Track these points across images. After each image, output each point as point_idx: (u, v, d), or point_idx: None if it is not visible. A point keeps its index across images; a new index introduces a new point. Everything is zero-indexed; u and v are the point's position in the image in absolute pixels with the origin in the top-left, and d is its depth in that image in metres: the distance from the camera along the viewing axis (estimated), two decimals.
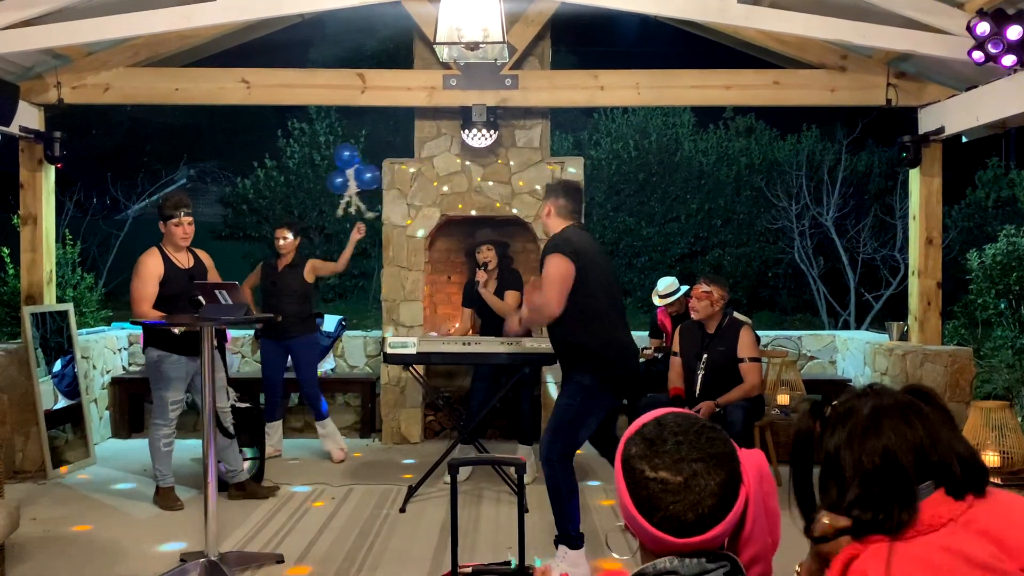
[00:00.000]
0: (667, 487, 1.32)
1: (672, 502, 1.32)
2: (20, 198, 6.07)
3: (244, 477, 5.12)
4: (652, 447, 1.36)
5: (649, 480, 1.34)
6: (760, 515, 1.38)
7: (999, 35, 4.49)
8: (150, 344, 4.83)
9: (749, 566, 1.39)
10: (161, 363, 4.80)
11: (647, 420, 1.42)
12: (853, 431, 1.55)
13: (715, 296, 5.28)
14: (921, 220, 6.17)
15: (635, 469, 1.36)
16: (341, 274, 8.03)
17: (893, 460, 1.50)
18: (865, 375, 6.62)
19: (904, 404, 1.56)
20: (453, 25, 4.40)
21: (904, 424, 1.53)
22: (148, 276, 4.76)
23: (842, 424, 1.58)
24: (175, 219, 4.86)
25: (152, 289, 4.73)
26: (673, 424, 1.38)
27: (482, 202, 6.66)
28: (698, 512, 1.32)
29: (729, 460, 1.36)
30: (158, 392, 4.87)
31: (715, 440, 1.36)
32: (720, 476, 1.33)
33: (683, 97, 6.64)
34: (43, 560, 4.09)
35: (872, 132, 13.03)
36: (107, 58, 6.04)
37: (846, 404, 1.60)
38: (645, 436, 1.38)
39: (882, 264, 12.02)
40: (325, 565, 4.06)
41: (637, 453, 1.37)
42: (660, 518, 1.33)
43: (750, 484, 1.37)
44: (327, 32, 14.79)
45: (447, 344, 5.21)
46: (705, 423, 1.40)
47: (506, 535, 4.43)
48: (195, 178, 17.49)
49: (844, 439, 1.56)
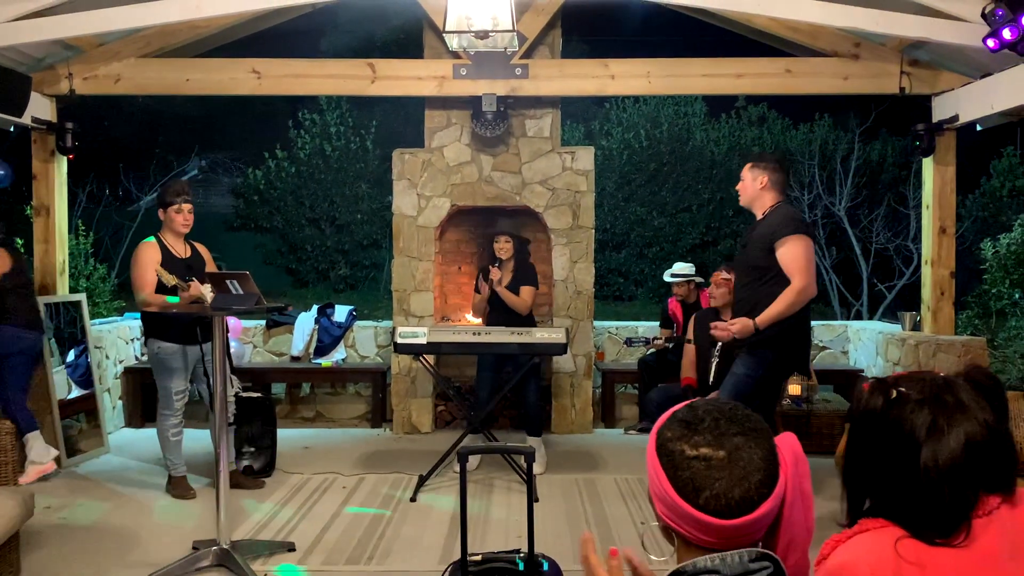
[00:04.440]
0: (711, 463, 1.27)
1: (717, 479, 1.26)
2: (33, 189, 6.11)
3: (232, 467, 5.13)
4: (689, 427, 1.31)
5: (690, 459, 1.28)
6: (797, 498, 1.33)
7: (1014, 21, 4.44)
8: (150, 335, 4.86)
9: (786, 554, 1.34)
10: (161, 354, 4.83)
11: (676, 408, 1.37)
12: (936, 418, 1.38)
13: (734, 283, 5.27)
14: (935, 209, 6.13)
15: (673, 451, 1.30)
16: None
17: (972, 456, 1.36)
18: (877, 365, 6.59)
19: (985, 394, 1.42)
20: (463, 14, 4.39)
21: (986, 417, 1.39)
22: (146, 263, 4.78)
23: (922, 407, 1.40)
24: (175, 206, 4.88)
25: (151, 275, 4.74)
26: (708, 405, 1.34)
27: (492, 192, 6.65)
28: (744, 488, 1.26)
29: (768, 436, 1.32)
30: (162, 383, 4.90)
31: (751, 416, 1.32)
32: (762, 450, 1.29)
33: (694, 86, 6.60)
34: (57, 548, 4.13)
35: (885, 121, 12.94)
36: (118, 49, 6.06)
37: (923, 386, 1.43)
38: (680, 419, 1.34)
39: (895, 254, 11.95)
40: (336, 553, 4.08)
41: (673, 435, 1.32)
42: (706, 498, 1.27)
43: (787, 467, 1.32)
44: (338, 22, 14.78)
45: (457, 334, 5.21)
46: (740, 405, 1.36)
47: (516, 524, 4.44)
48: (207, 169, 17.55)
49: (924, 424, 1.38)
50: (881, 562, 1.35)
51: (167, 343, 4.81)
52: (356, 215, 14.69)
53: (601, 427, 6.88)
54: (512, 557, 2.97)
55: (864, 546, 1.38)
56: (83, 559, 4.00)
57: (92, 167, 13.12)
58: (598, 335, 7.13)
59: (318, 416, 7.23)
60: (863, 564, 1.35)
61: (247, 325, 7.22)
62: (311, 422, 7.16)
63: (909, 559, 1.34)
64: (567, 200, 6.65)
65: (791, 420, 5.92)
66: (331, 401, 7.26)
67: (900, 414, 1.41)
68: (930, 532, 1.35)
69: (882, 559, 1.35)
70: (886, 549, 1.36)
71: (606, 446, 6.31)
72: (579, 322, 6.64)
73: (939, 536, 1.35)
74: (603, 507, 4.79)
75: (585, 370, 6.67)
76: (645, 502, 4.82)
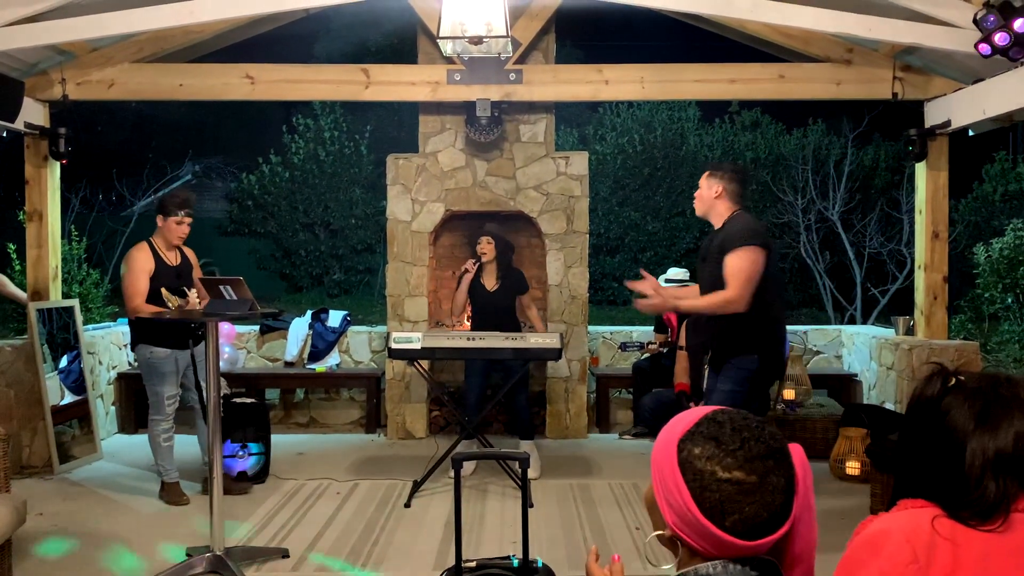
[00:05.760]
0: (743, 487, 1.26)
1: (748, 503, 1.26)
2: (26, 194, 6.08)
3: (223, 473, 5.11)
4: (720, 446, 1.29)
5: (722, 482, 1.27)
6: (804, 511, 1.33)
7: (1006, 27, 4.46)
8: (140, 341, 4.85)
9: (793, 565, 1.34)
10: (153, 359, 4.82)
11: (699, 419, 1.35)
12: (990, 409, 1.39)
13: None
14: (927, 214, 6.15)
15: (703, 471, 1.28)
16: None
17: (1021, 450, 1.38)
18: (871, 370, 6.60)
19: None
20: (457, 19, 4.39)
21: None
22: (139, 270, 4.77)
23: (978, 396, 1.41)
24: (176, 217, 4.88)
25: (144, 284, 4.74)
26: (732, 420, 1.32)
27: (487, 197, 6.65)
28: (771, 511, 1.27)
29: (788, 456, 1.32)
30: (152, 388, 4.89)
31: (775, 435, 1.32)
32: (787, 471, 1.29)
33: (688, 91, 6.61)
34: (49, 555, 4.11)
35: (878, 126, 12.98)
36: (111, 54, 6.05)
37: (982, 377, 1.45)
38: (707, 435, 1.31)
39: (888, 258, 11.98)
40: (330, 560, 4.07)
41: (703, 454, 1.29)
42: (733, 521, 1.26)
43: (798, 478, 1.33)
44: (331, 27, 14.80)
45: (452, 339, 5.21)
46: (758, 417, 1.35)
47: (510, 530, 4.43)
48: (200, 174, 17.51)
49: (977, 413, 1.40)
50: (916, 532, 1.38)
51: (159, 348, 4.80)
52: (350, 220, 14.68)
53: (595, 432, 6.87)
54: (507, 563, 2.97)
55: (902, 518, 1.42)
56: (75, 566, 3.99)
57: (85, 172, 13.07)
58: (592, 340, 7.13)
59: (312, 422, 7.21)
60: (898, 531, 1.39)
61: (241, 330, 7.20)
62: (305, 428, 7.14)
63: (944, 535, 1.37)
64: (561, 205, 6.65)
65: (785, 424, 5.93)
66: (325, 407, 7.24)
67: (955, 402, 1.43)
68: (968, 515, 1.38)
69: (918, 529, 1.38)
70: (923, 522, 1.39)
71: (600, 451, 6.30)
72: (573, 327, 6.64)
73: (976, 519, 1.38)
74: (598, 512, 4.79)
75: (579, 375, 6.67)
76: (640, 507, 4.81)
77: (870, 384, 6.63)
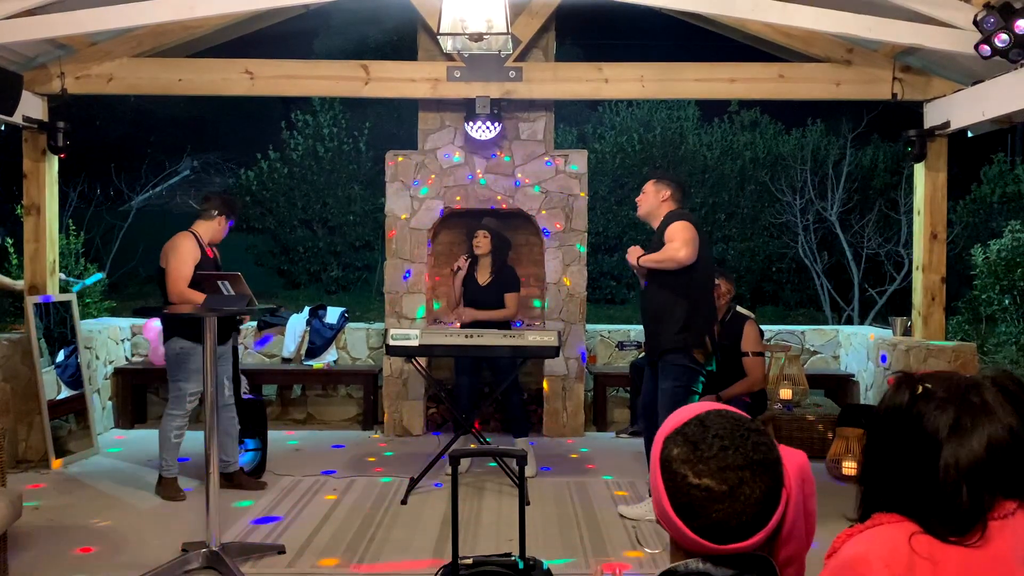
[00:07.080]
0: (711, 495, 1.27)
1: (715, 511, 1.27)
2: (23, 188, 6.07)
3: (235, 468, 5.12)
4: (696, 451, 1.29)
5: (692, 487, 1.28)
6: (799, 517, 1.33)
7: (1006, 28, 4.46)
8: (176, 334, 4.81)
9: (784, 566, 1.34)
10: (185, 353, 4.79)
11: (688, 418, 1.35)
12: (960, 418, 1.36)
13: (723, 289, 5.29)
14: (926, 215, 6.15)
15: (676, 473, 1.30)
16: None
17: (993, 458, 1.35)
18: (868, 370, 6.61)
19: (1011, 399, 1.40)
20: (457, 16, 4.38)
21: (1010, 422, 1.37)
22: (187, 257, 4.81)
23: (947, 405, 1.37)
24: (232, 223, 5.05)
25: (189, 271, 4.79)
26: (717, 426, 1.31)
27: (485, 195, 6.65)
28: (741, 520, 1.27)
29: (774, 466, 1.30)
30: (177, 382, 4.86)
31: (760, 445, 1.30)
32: (765, 484, 1.28)
33: (687, 90, 6.61)
34: (45, 549, 4.10)
35: (877, 127, 12.97)
36: (110, 48, 6.03)
37: (949, 385, 1.40)
38: (688, 438, 1.31)
39: (886, 259, 11.98)
40: (326, 556, 4.06)
41: (680, 456, 1.30)
42: (700, 525, 1.28)
43: (791, 486, 1.32)
44: (331, 23, 14.76)
45: (450, 336, 5.21)
46: (750, 425, 1.33)
47: (507, 527, 4.43)
48: (199, 169, 17.47)
49: (948, 423, 1.36)
50: (894, 556, 1.34)
51: (195, 343, 4.73)
52: (348, 216, 14.65)
53: (592, 430, 6.88)
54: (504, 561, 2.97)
55: (878, 539, 1.38)
56: (71, 561, 3.98)
57: (83, 167, 13.03)
58: (590, 338, 7.13)
59: (309, 418, 7.21)
60: (876, 557, 1.35)
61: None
62: (302, 424, 7.14)
63: (922, 554, 1.33)
64: (560, 203, 6.65)
65: (782, 424, 5.94)
66: (322, 403, 7.24)
67: (924, 410, 1.39)
68: (945, 530, 1.35)
69: (895, 553, 1.34)
70: (900, 543, 1.35)
71: (597, 449, 6.31)
72: (571, 325, 6.64)
73: (954, 534, 1.34)
74: (594, 510, 4.79)
75: (577, 373, 6.67)
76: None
77: (867, 384, 6.64)
